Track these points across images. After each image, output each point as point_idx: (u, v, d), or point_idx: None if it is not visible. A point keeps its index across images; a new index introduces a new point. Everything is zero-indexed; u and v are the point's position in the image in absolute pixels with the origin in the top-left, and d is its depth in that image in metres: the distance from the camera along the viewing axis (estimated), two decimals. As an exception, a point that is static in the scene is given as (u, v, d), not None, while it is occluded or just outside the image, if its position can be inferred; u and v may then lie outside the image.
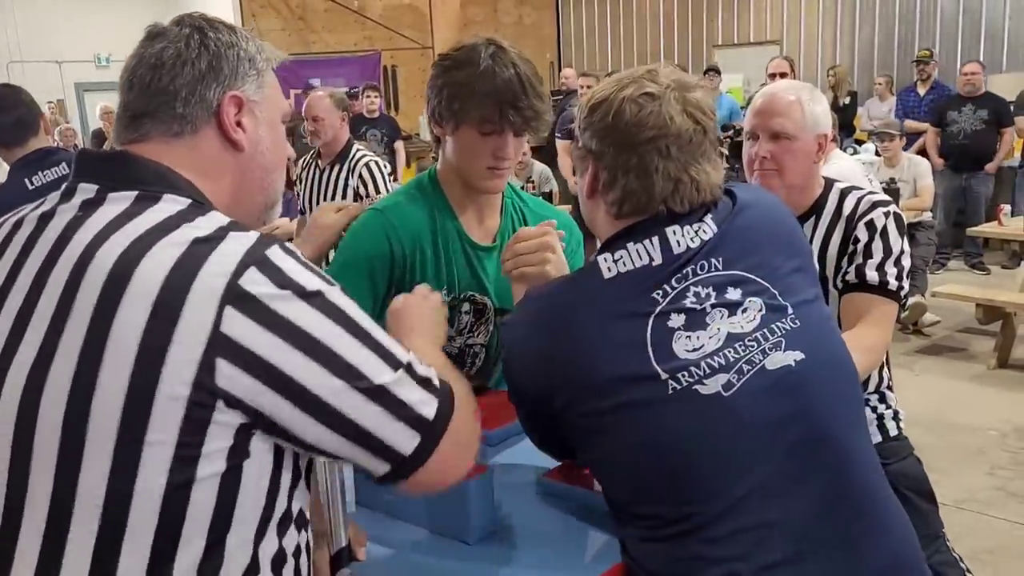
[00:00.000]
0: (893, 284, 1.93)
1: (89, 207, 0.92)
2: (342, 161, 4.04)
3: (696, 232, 1.20)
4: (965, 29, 9.08)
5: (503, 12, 12.27)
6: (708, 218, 1.22)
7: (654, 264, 1.18)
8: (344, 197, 3.94)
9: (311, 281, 0.90)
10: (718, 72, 9.13)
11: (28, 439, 0.85)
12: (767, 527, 1.09)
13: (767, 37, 10.29)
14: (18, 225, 0.96)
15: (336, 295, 0.91)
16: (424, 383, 0.96)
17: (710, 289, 1.17)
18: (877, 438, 2.07)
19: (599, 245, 1.27)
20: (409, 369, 0.94)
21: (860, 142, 7.77)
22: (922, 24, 9.36)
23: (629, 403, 1.13)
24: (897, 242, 1.94)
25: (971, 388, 4.65)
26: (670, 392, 1.12)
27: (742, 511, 1.09)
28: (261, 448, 0.89)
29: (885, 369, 2.16)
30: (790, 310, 1.19)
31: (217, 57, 1.00)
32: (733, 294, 1.18)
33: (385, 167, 4.05)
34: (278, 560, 0.94)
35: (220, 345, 0.84)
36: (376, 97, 7.87)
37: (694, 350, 1.14)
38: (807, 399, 1.14)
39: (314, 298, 0.89)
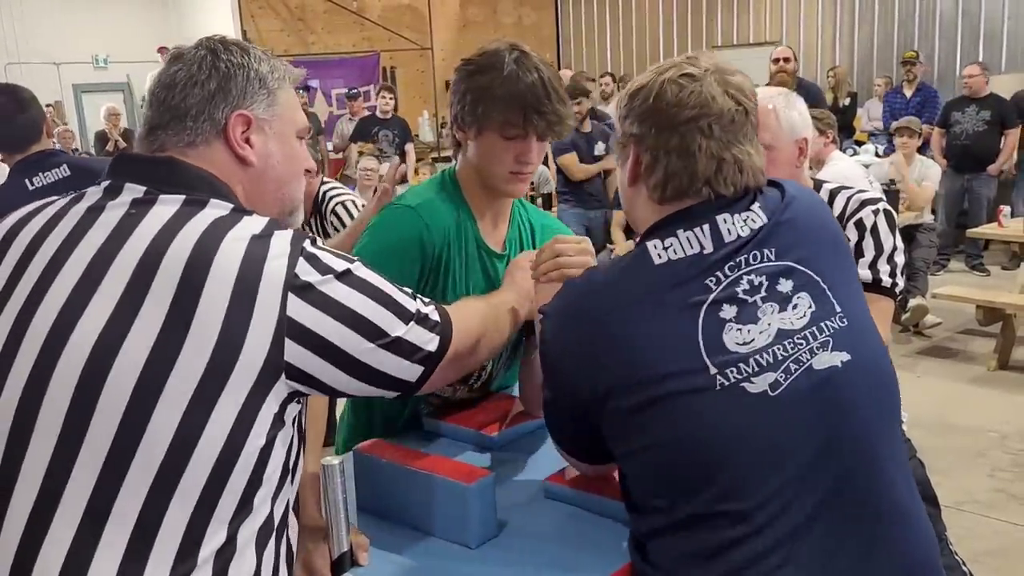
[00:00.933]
0: (887, 281, 1.93)
1: (141, 205, 1.03)
2: (317, 211, 3.72)
3: (746, 221, 1.19)
4: (964, 30, 9.09)
5: (503, 13, 12.28)
6: (756, 207, 1.21)
7: (706, 252, 1.16)
8: (323, 237, 3.62)
9: (340, 263, 1.06)
10: (718, 73, 9.12)
11: (93, 394, 0.94)
12: (792, 524, 1.09)
13: (767, 38, 10.29)
14: (60, 215, 1.05)
15: (359, 269, 1.08)
16: (429, 324, 1.13)
17: (763, 278, 1.16)
18: None
19: (639, 236, 1.26)
20: (417, 316, 1.12)
21: (860, 143, 7.77)
22: (921, 25, 9.37)
23: (675, 394, 1.11)
24: (888, 239, 1.94)
25: (972, 390, 4.64)
26: (718, 387, 1.11)
27: (770, 508, 1.09)
28: (288, 419, 1.03)
29: None
30: (838, 308, 1.18)
31: (226, 78, 1.09)
32: (784, 286, 1.16)
33: (362, 207, 3.63)
34: (267, 527, 1.04)
35: (287, 325, 0.99)
36: (390, 98, 7.89)
37: (744, 344, 1.12)
38: (848, 402, 1.14)
39: (346, 276, 1.05)
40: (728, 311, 1.14)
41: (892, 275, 1.94)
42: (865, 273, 1.91)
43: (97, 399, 0.94)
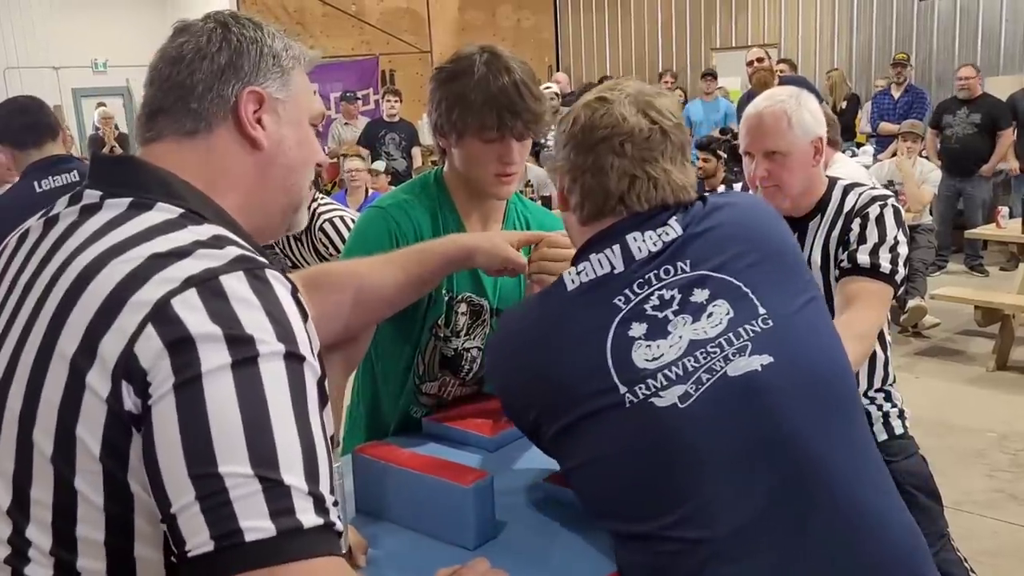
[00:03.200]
0: (886, 267, 1.92)
1: (86, 213, 0.91)
2: (306, 228, 3.51)
3: (659, 235, 1.20)
4: (962, 32, 9.09)
5: (501, 16, 12.29)
6: (672, 220, 1.21)
7: (616, 272, 1.18)
8: (317, 259, 3.50)
9: (255, 325, 0.78)
10: (715, 76, 9.15)
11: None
12: (730, 536, 1.07)
13: (765, 40, 10.29)
14: (26, 234, 0.96)
15: (271, 356, 0.78)
16: (286, 511, 0.74)
17: (675, 291, 1.16)
18: (883, 436, 2.09)
19: None
20: (280, 489, 0.75)
21: (859, 145, 7.78)
22: (919, 27, 9.38)
23: (590, 416, 1.14)
24: (893, 230, 1.95)
25: (970, 390, 4.65)
26: (627, 405, 1.11)
27: (700, 519, 1.08)
28: None
29: (890, 366, 2.17)
30: (761, 310, 1.16)
31: (238, 52, 0.97)
32: (699, 295, 1.16)
33: (351, 220, 3.44)
34: None
35: (127, 364, 0.77)
36: (396, 101, 7.91)
37: (653, 359, 1.13)
38: (771, 405, 1.11)
39: (240, 346, 0.77)
40: (637, 328, 1.15)
41: (893, 263, 1.92)
42: (864, 259, 1.91)
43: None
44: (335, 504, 0.80)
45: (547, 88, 7.78)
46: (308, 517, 0.75)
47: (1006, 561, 2.98)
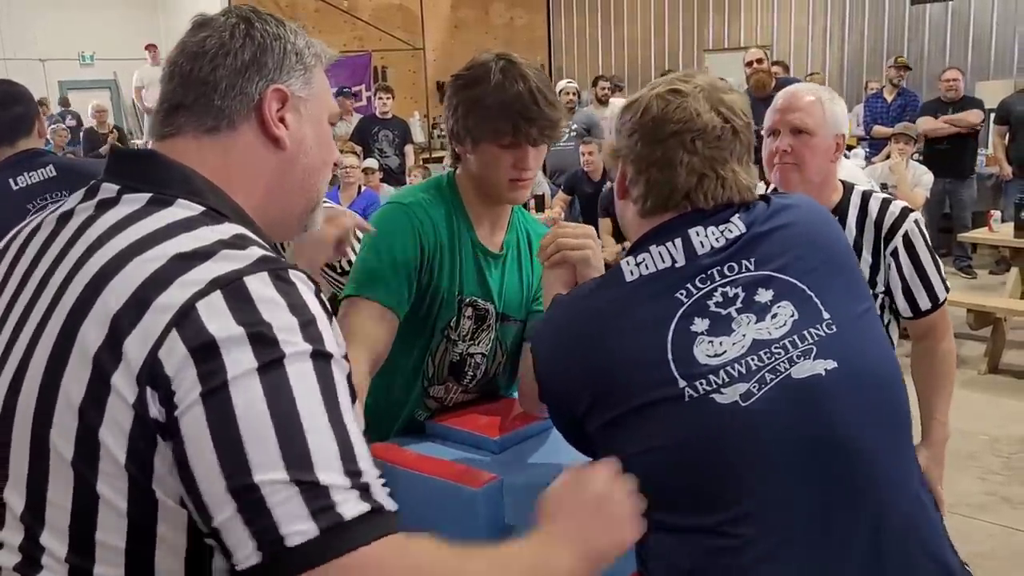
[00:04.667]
0: (942, 295, 2.00)
1: (104, 207, 0.89)
2: None
3: (721, 232, 1.19)
4: (953, 35, 9.14)
5: (495, 14, 12.27)
6: (735, 217, 1.20)
7: (677, 266, 1.17)
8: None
9: (281, 325, 0.77)
10: (708, 77, 9.15)
11: (7, 427, 0.83)
12: (780, 537, 1.07)
13: (757, 42, 10.30)
14: (36, 229, 0.94)
15: (297, 356, 0.76)
16: (327, 509, 0.73)
17: (739, 289, 1.15)
18: None
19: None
20: (317, 490, 0.73)
21: (850, 147, 7.81)
22: (911, 30, 9.43)
23: (646, 408, 1.12)
24: (927, 251, 2.00)
25: (962, 393, 4.64)
26: (686, 399, 1.10)
27: (751, 520, 1.07)
28: None
29: None
30: (825, 315, 1.16)
31: (262, 49, 0.95)
32: (763, 295, 1.15)
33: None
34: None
35: (152, 370, 0.75)
36: (389, 98, 7.87)
37: (715, 355, 1.12)
38: (832, 411, 1.11)
39: (265, 347, 0.75)
40: (700, 324, 1.14)
41: (943, 283, 2.01)
42: (926, 304, 1.99)
43: (10, 433, 0.82)
44: (384, 484, 0.78)
45: (569, 83, 7.77)
46: (350, 508, 0.74)
47: (1001, 564, 2.99)
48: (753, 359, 1.12)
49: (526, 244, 1.78)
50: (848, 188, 2.05)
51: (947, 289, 2.03)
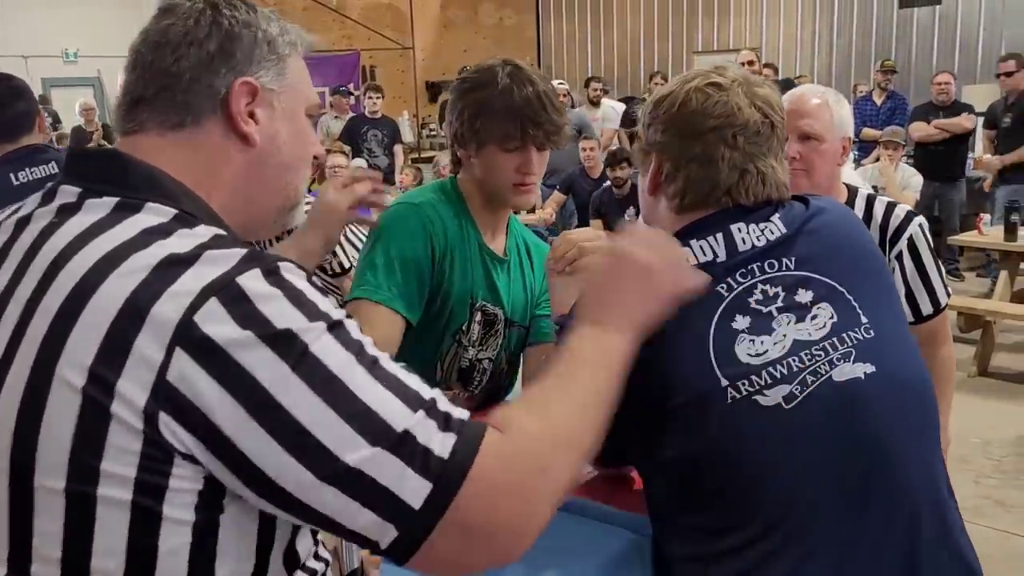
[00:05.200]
0: (944, 301, 2.01)
1: (65, 213, 0.81)
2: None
3: (762, 231, 1.17)
4: (940, 39, 9.21)
5: (484, 14, 12.27)
6: (776, 217, 1.19)
7: (718, 260, 1.15)
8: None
9: (287, 317, 0.73)
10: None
11: None
12: (817, 541, 1.05)
13: (746, 44, 10.35)
14: None
15: (316, 337, 0.74)
16: (414, 455, 0.73)
17: (779, 289, 1.13)
18: None
19: None
20: (396, 438, 0.73)
21: (839, 149, 7.83)
22: (899, 33, 9.49)
23: (687, 407, 1.09)
24: (931, 255, 2.00)
25: (953, 396, 4.67)
26: (729, 400, 1.08)
27: (792, 527, 1.06)
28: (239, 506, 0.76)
29: None
30: (863, 319, 1.14)
31: (230, 38, 0.88)
32: (803, 296, 1.14)
33: (356, 231, 2.96)
34: None
35: (165, 395, 0.71)
36: (378, 98, 7.84)
37: (757, 355, 1.09)
38: (871, 415, 1.10)
39: (283, 343, 0.72)
40: (741, 322, 1.11)
41: (944, 286, 2.02)
42: (928, 309, 1.99)
43: None
44: (447, 389, 0.78)
45: (560, 84, 7.76)
46: (439, 442, 0.74)
47: (997, 568, 2.99)
48: (794, 360, 1.10)
49: (524, 252, 1.78)
50: (852, 191, 2.06)
51: (948, 294, 2.03)
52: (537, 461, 0.79)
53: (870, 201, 2.02)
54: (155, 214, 0.80)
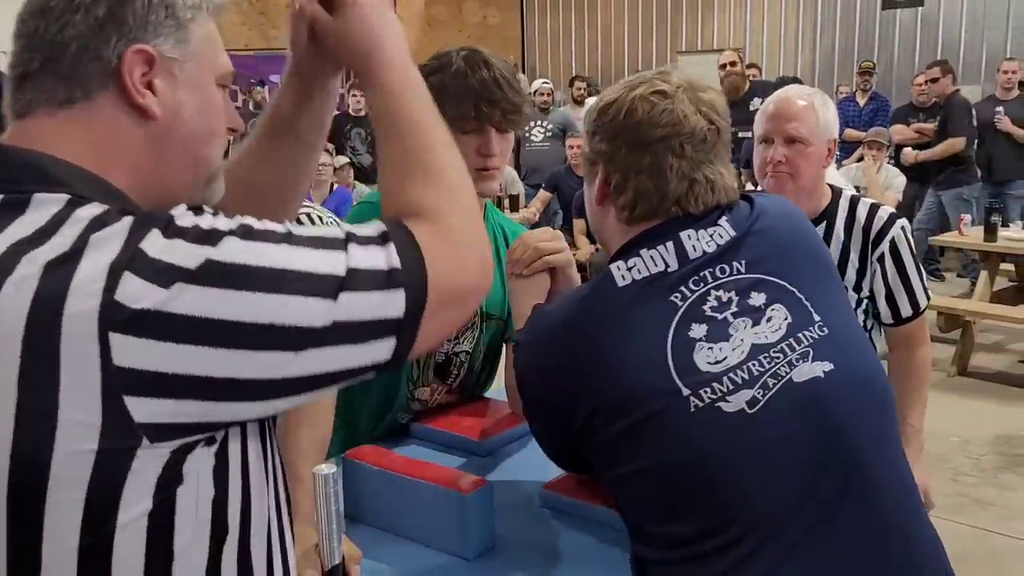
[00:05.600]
0: (924, 304, 2.03)
1: None
2: None
3: (711, 236, 1.17)
4: (922, 41, 9.27)
5: (468, 12, 12.23)
6: (723, 221, 1.18)
7: (670, 270, 1.14)
8: None
9: (197, 252, 0.72)
10: (681, 78, 9.19)
11: None
12: (789, 546, 1.05)
13: (730, 45, 10.37)
14: None
15: (229, 249, 0.73)
16: (374, 280, 0.77)
17: (732, 293, 1.13)
18: None
19: (609, 256, 1.23)
20: (349, 279, 0.76)
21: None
22: (881, 34, 9.54)
23: (650, 419, 1.08)
24: (911, 258, 2.01)
25: (932, 395, 4.60)
26: (692, 409, 1.07)
27: (767, 530, 1.05)
28: (200, 465, 0.75)
29: None
30: (817, 317, 1.15)
31: (120, 3, 0.80)
32: (756, 299, 1.14)
33: (328, 217, 3.32)
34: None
35: (121, 381, 0.68)
36: (362, 96, 7.77)
37: (716, 362, 1.09)
38: (833, 414, 1.10)
39: (205, 274, 0.71)
40: (697, 330, 1.11)
41: (924, 290, 2.03)
42: (908, 311, 2.01)
43: None
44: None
45: (544, 84, 7.75)
46: (383, 257, 0.78)
47: (975, 566, 3.02)
48: (754, 364, 1.10)
49: (503, 241, 1.76)
50: (836, 192, 2.06)
51: (928, 297, 2.04)
52: (451, 207, 0.86)
53: (853, 203, 2.03)
54: (43, 206, 0.74)
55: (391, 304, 0.77)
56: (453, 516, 1.26)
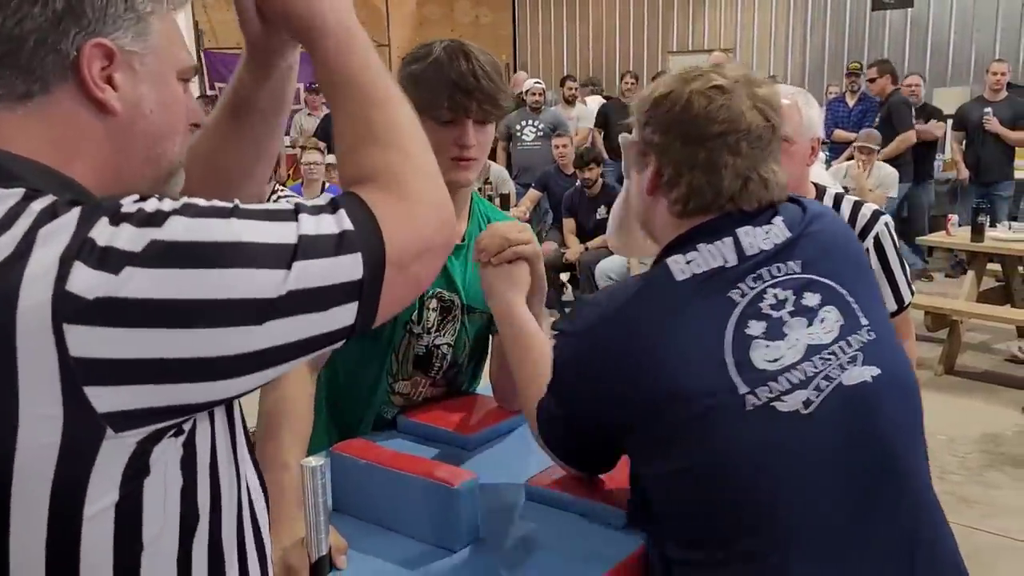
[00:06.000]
0: (908, 299, 2.05)
1: None
2: None
3: (767, 234, 1.16)
4: (912, 43, 9.32)
5: (460, 12, 12.24)
6: (778, 220, 1.18)
7: (728, 265, 1.13)
8: None
9: (144, 235, 0.71)
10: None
11: None
12: (829, 551, 1.06)
13: (721, 45, 10.42)
14: None
15: (175, 228, 0.72)
16: (327, 245, 0.76)
17: (789, 292, 1.13)
18: None
19: (657, 246, 1.23)
20: (301, 247, 0.75)
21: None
22: (871, 36, 9.59)
23: (701, 418, 1.07)
24: (895, 254, 2.03)
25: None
26: (748, 408, 1.07)
27: (807, 532, 1.06)
28: (167, 456, 0.75)
29: None
30: (864, 321, 1.15)
31: None
32: (811, 299, 1.13)
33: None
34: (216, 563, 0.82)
35: (79, 372, 0.68)
36: None
37: (773, 361, 1.09)
38: (876, 419, 1.11)
39: (153, 255, 0.70)
40: (755, 327, 1.10)
41: (908, 286, 2.06)
42: (893, 306, 2.02)
43: None
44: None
45: (536, 83, 7.75)
46: (335, 221, 0.78)
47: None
48: (809, 365, 1.09)
49: None
50: (820, 191, 2.08)
51: (912, 292, 2.07)
52: (403, 166, 0.85)
53: (837, 200, 2.05)
54: (1, 202, 0.73)
55: (348, 268, 0.77)
56: (439, 508, 1.27)
